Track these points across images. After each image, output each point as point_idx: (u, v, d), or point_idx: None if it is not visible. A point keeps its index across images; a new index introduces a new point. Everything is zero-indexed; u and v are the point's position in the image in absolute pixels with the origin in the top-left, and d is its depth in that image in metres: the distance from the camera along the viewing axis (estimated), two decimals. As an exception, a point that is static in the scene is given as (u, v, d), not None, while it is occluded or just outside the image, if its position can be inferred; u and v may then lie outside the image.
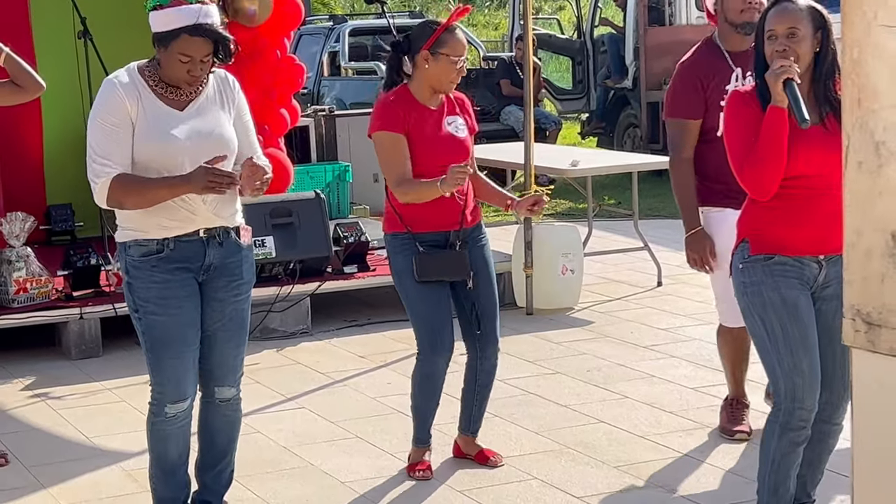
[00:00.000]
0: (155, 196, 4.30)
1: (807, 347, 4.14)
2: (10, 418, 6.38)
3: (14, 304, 7.32)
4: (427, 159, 5.15)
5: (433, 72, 5.14)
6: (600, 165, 9.77)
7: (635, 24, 15.15)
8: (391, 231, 5.29)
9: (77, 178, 9.19)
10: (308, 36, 16.82)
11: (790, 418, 4.15)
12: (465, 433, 5.54)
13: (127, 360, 7.07)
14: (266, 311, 7.70)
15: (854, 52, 2.20)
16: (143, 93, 4.36)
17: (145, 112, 4.34)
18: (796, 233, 4.15)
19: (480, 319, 5.34)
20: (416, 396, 5.39)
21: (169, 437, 4.58)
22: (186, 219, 4.40)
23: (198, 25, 4.25)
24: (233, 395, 4.66)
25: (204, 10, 4.27)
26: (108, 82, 4.39)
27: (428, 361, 5.28)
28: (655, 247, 9.44)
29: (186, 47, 4.27)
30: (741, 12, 5.41)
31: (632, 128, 15.59)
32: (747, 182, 4.14)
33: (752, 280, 4.19)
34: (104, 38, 8.09)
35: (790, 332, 4.12)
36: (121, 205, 4.34)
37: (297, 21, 9.71)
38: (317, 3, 28.32)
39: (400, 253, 5.25)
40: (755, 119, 4.12)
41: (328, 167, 10.17)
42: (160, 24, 4.30)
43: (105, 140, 4.31)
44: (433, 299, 5.23)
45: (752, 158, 4.09)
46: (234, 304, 4.55)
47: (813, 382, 4.14)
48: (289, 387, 6.74)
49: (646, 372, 6.81)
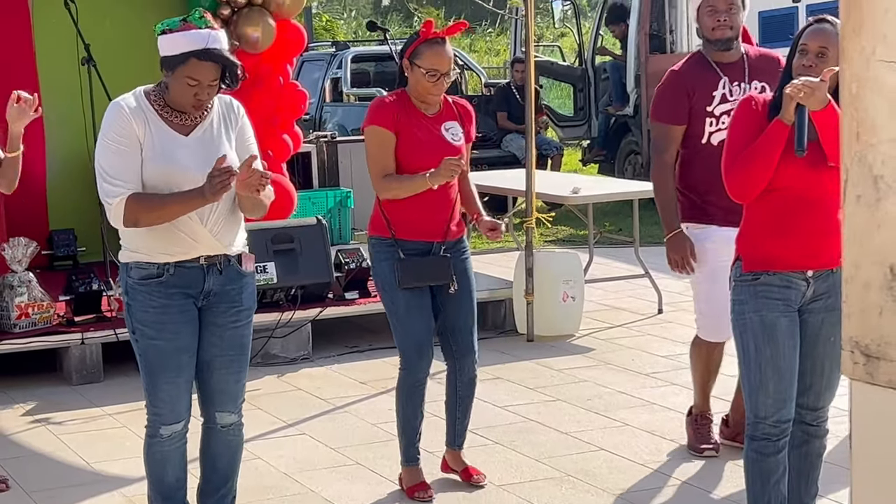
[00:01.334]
0: (171, 211, 4.32)
1: (776, 369, 4.32)
2: (12, 443, 6.38)
3: (16, 329, 7.32)
4: (416, 161, 5.18)
5: (412, 81, 5.20)
6: (601, 193, 9.80)
7: (636, 52, 15.19)
8: (375, 234, 5.34)
9: (79, 204, 9.27)
10: (310, 62, 16.87)
11: (754, 431, 4.40)
12: (452, 447, 5.57)
13: (128, 385, 7.07)
14: (267, 336, 7.71)
15: (853, 86, 2.21)
16: (149, 116, 4.38)
17: (152, 136, 4.36)
18: (785, 245, 4.28)
19: (458, 332, 5.38)
20: (405, 410, 5.40)
21: (166, 459, 4.59)
22: (189, 245, 4.42)
23: (206, 50, 4.28)
24: (234, 420, 4.67)
25: (213, 35, 4.31)
26: (114, 104, 4.42)
27: (414, 370, 5.31)
28: (656, 274, 9.44)
29: (194, 71, 4.30)
30: (713, 30, 5.61)
31: (633, 155, 15.61)
32: (731, 180, 4.30)
33: (738, 299, 4.39)
34: (108, 64, 8.12)
35: (763, 353, 4.33)
36: (137, 223, 4.33)
37: (300, 47, 9.76)
38: (319, 30, 28.41)
39: (384, 260, 5.29)
40: (759, 126, 4.26)
41: (330, 193, 10.19)
42: (169, 47, 4.34)
43: (116, 160, 4.33)
44: (418, 308, 5.27)
45: (741, 159, 4.24)
46: (233, 329, 4.56)
47: (778, 402, 4.34)
48: (290, 413, 6.74)
49: (647, 399, 6.81)
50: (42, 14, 9.29)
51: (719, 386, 6.04)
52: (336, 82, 16.41)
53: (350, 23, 37.32)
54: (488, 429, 6.26)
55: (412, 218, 5.24)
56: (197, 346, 4.53)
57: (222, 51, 4.32)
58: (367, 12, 44.26)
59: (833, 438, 4.71)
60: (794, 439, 4.46)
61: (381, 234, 5.29)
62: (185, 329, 4.47)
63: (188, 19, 4.34)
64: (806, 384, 4.44)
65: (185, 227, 4.39)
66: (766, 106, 4.32)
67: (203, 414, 4.67)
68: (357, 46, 17.90)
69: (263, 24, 9.16)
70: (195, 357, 4.53)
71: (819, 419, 4.53)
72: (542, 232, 12.45)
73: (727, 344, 5.79)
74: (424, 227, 5.27)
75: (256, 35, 9.13)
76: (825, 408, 4.53)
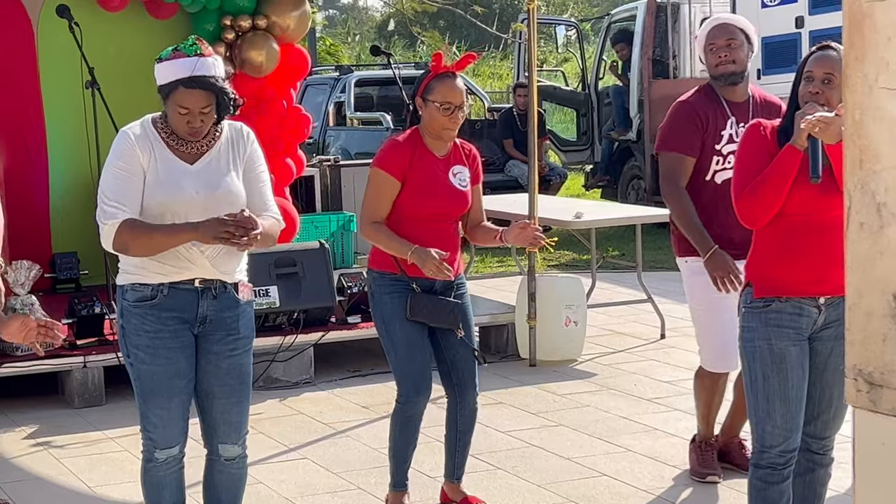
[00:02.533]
0: (161, 242, 4.30)
1: (784, 399, 4.30)
2: (13, 467, 6.37)
3: (18, 352, 7.31)
4: (420, 205, 5.18)
5: (425, 117, 5.20)
6: (604, 217, 9.80)
7: (640, 77, 15.22)
8: (380, 269, 5.30)
9: (82, 227, 9.27)
10: (314, 86, 16.90)
11: (759, 459, 4.39)
12: (450, 480, 5.54)
13: (130, 409, 6.99)
14: (269, 360, 7.71)
15: (856, 114, 2.22)
16: (155, 144, 4.38)
17: (157, 163, 4.36)
18: (795, 270, 4.27)
19: (459, 366, 5.36)
20: (397, 440, 5.39)
21: (162, 484, 4.56)
22: (183, 265, 4.40)
23: (192, 78, 4.26)
24: (237, 453, 4.63)
25: (200, 63, 4.28)
26: (121, 133, 4.42)
27: (411, 403, 5.30)
28: (659, 299, 9.45)
29: (183, 99, 4.29)
30: (716, 66, 5.62)
31: (636, 179, 15.64)
32: (742, 206, 4.28)
33: (748, 326, 4.37)
34: (112, 87, 8.14)
35: (771, 383, 4.31)
36: (126, 248, 4.31)
37: (304, 72, 9.78)
38: (323, 54, 28.46)
39: (388, 294, 5.26)
40: (768, 152, 4.26)
41: (333, 217, 10.19)
42: (161, 76, 4.34)
43: (116, 185, 4.32)
44: (417, 342, 5.26)
45: (753, 185, 4.23)
46: (230, 358, 4.52)
47: (785, 432, 4.32)
48: (291, 437, 6.73)
49: (649, 425, 6.80)
50: (47, 37, 9.32)
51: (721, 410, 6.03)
52: (339, 106, 16.44)
53: (354, 47, 37.42)
54: (490, 454, 6.24)
55: None
56: (194, 372, 4.50)
57: (209, 77, 4.29)
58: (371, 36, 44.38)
59: (837, 466, 4.68)
60: (799, 467, 4.43)
61: (387, 269, 5.26)
62: (178, 355, 4.45)
63: (179, 47, 4.32)
64: (813, 413, 4.41)
65: (183, 249, 4.37)
66: (774, 132, 4.31)
67: (206, 445, 4.65)
68: (361, 70, 17.92)
69: (267, 48, 9.19)
70: (191, 383, 4.50)
71: (825, 448, 4.50)
72: (545, 256, 12.45)
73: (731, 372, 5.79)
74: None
75: (261, 59, 9.16)
76: (831, 437, 4.50)
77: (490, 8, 39.64)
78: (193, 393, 4.53)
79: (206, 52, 4.34)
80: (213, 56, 4.36)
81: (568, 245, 13.27)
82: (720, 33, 5.59)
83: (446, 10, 10.66)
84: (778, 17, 13.73)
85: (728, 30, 5.60)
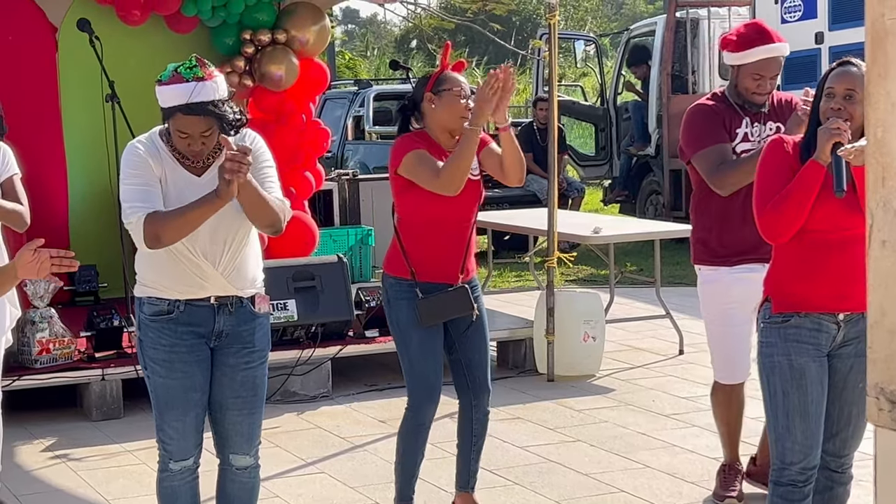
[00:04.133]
0: (190, 218, 4.24)
1: (804, 415, 4.27)
2: (32, 479, 6.38)
3: (37, 365, 7.34)
4: (434, 198, 5.14)
5: (440, 110, 5.18)
6: (622, 233, 9.78)
7: (659, 92, 15.21)
8: (395, 274, 5.29)
9: (101, 239, 9.30)
10: (333, 100, 16.93)
11: (779, 476, 4.35)
12: (464, 490, 5.51)
13: (147, 422, 7.00)
14: (287, 374, 7.71)
15: (878, 131, 2.20)
16: (164, 156, 4.37)
17: (166, 175, 4.36)
18: (814, 286, 4.24)
19: (473, 368, 5.35)
20: (406, 450, 5.36)
21: (176, 494, 4.58)
22: (198, 285, 4.41)
23: (189, 105, 4.21)
24: (249, 463, 4.63)
25: (197, 88, 4.21)
26: (129, 146, 4.40)
27: (421, 411, 5.28)
28: (677, 314, 9.42)
29: (181, 125, 4.26)
30: (753, 93, 5.47)
31: (654, 195, 15.62)
32: (764, 222, 4.24)
33: (767, 341, 4.33)
34: (131, 101, 8.15)
35: (791, 399, 4.27)
36: (158, 237, 4.24)
37: (323, 86, 9.81)
38: (342, 68, 28.53)
39: (403, 300, 5.26)
40: (790, 167, 4.24)
41: (351, 231, 10.21)
42: (161, 99, 4.29)
43: (135, 189, 4.30)
44: (431, 349, 5.25)
45: (776, 200, 4.19)
46: (245, 371, 4.52)
47: (805, 448, 4.29)
48: (309, 451, 6.72)
49: (667, 441, 6.77)
50: (67, 50, 9.36)
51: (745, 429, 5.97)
52: (358, 120, 16.46)
53: (373, 61, 37.51)
54: (508, 469, 6.23)
55: (430, 260, 5.22)
56: (208, 385, 4.51)
57: (207, 104, 4.21)
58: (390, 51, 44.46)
59: (856, 484, 4.66)
60: (818, 485, 4.40)
61: (401, 274, 5.27)
62: (194, 369, 4.45)
63: (179, 69, 4.24)
64: (832, 430, 4.38)
65: (195, 267, 4.37)
66: (797, 147, 4.29)
67: (218, 455, 4.66)
68: (379, 85, 17.96)
69: (287, 63, 9.21)
70: (206, 395, 4.51)
71: (844, 466, 4.47)
72: (563, 271, 12.43)
73: (748, 385, 5.76)
74: (441, 269, 5.25)
75: (280, 73, 9.18)
76: (850, 455, 4.47)
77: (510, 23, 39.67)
78: (207, 404, 4.54)
79: (205, 74, 4.25)
80: (213, 78, 4.26)
81: (586, 260, 13.25)
82: (770, 68, 5.42)
83: (465, 26, 10.66)
84: (798, 32, 13.70)
85: (778, 64, 5.48)
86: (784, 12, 14.10)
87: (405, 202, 5.24)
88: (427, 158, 5.12)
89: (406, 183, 5.18)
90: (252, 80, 9.27)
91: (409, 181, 5.15)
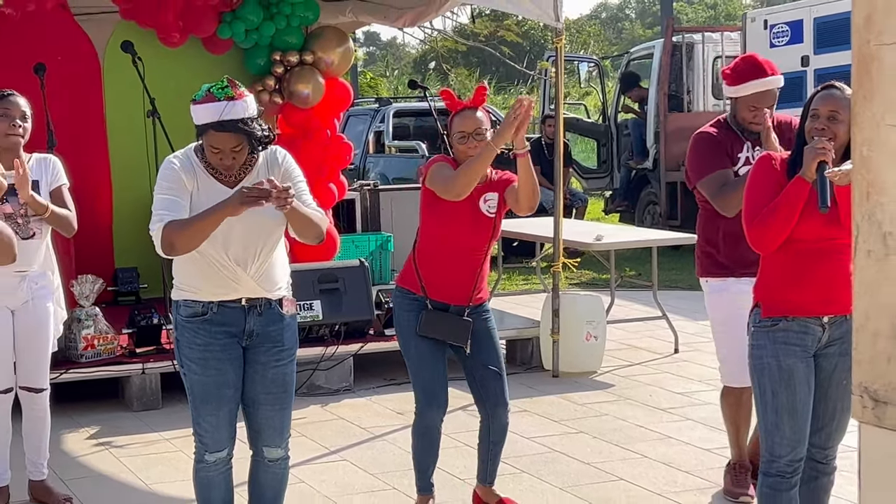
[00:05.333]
0: (200, 228, 4.21)
1: (792, 412, 4.25)
2: (77, 465, 6.38)
3: (82, 359, 7.34)
4: (447, 226, 5.13)
5: (454, 149, 5.17)
6: (623, 240, 9.76)
7: (656, 111, 15.20)
8: (405, 286, 5.26)
9: (142, 244, 9.24)
10: (355, 116, 16.93)
11: (769, 468, 4.33)
12: (483, 483, 5.50)
13: (184, 412, 7.00)
14: (313, 369, 7.71)
15: (864, 149, 2.19)
16: (198, 170, 4.36)
17: (199, 188, 4.35)
18: (802, 292, 4.23)
19: (487, 386, 5.28)
20: (416, 449, 5.34)
21: (212, 483, 4.57)
22: (231, 287, 4.40)
23: (220, 122, 4.20)
24: (280, 455, 4.62)
25: (228, 107, 4.20)
26: (166, 161, 4.40)
27: (424, 416, 5.24)
28: (673, 316, 9.40)
29: (214, 141, 4.25)
30: (749, 123, 5.42)
31: (652, 205, 15.60)
32: (753, 234, 4.23)
33: (758, 344, 4.31)
34: (171, 117, 8.16)
35: (780, 397, 4.25)
36: (173, 246, 4.23)
37: (346, 103, 9.81)
38: (364, 87, 28.54)
39: (406, 311, 5.23)
40: (777, 182, 4.22)
41: (372, 237, 10.19)
42: (195, 117, 4.29)
43: (164, 200, 4.30)
44: (430, 359, 5.19)
45: (764, 214, 4.18)
46: (276, 368, 4.51)
47: (793, 443, 4.27)
48: (332, 441, 6.71)
49: (663, 433, 6.75)
50: (112, 70, 9.38)
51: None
52: (379, 135, 16.45)
53: (392, 80, 37.49)
54: (516, 458, 6.21)
55: (440, 282, 5.19)
56: (241, 382, 4.50)
57: (238, 121, 4.21)
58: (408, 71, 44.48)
59: (839, 474, 4.63)
60: (804, 475, 4.38)
61: (411, 288, 5.23)
62: (227, 366, 4.44)
63: (212, 89, 4.24)
64: (818, 424, 4.36)
65: (228, 271, 4.37)
66: (784, 164, 4.28)
67: (251, 447, 4.64)
68: (398, 102, 17.94)
69: (314, 82, 9.22)
70: (239, 391, 4.49)
71: (828, 457, 4.45)
72: (568, 276, 12.40)
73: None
74: (451, 292, 5.20)
75: (307, 91, 9.19)
76: (835, 447, 4.45)
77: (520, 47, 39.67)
78: (240, 400, 4.53)
79: (236, 94, 4.24)
80: (244, 98, 4.26)
81: (589, 265, 13.24)
82: (765, 100, 5.37)
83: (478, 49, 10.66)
84: (785, 56, 13.69)
85: (773, 95, 5.40)
86: (773, 37, 14.08)
87: (426, 217, 5.21)
88: (447, 168, 5.11)
89: (431, 198, 5.13)
90: (281, 98, 9.28)
91: (434, 196, 5.11)
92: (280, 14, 9.16)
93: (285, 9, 9.15)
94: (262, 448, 4.60)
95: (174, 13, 8.85)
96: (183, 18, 8.92)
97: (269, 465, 4.63)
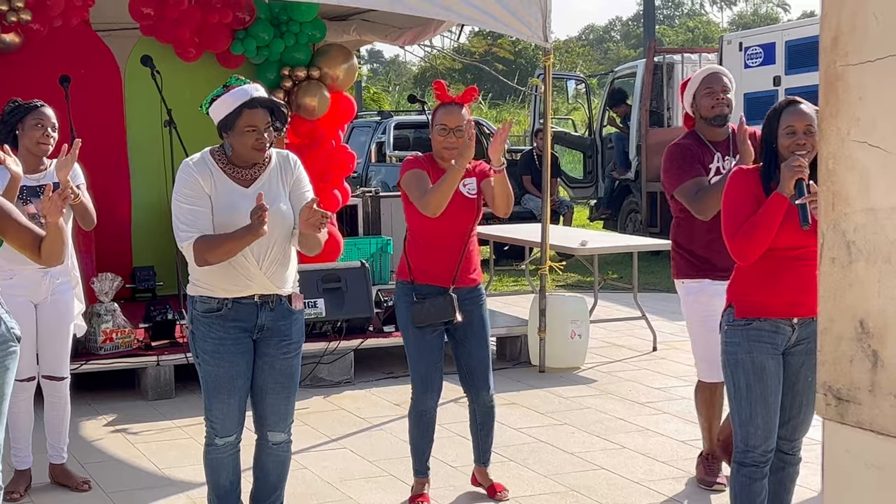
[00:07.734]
0: (230, 247, 4.26)
1: (764, 405, 4.24)
2: (95, 449, 6.36)
3: (101, 352, 7.32)
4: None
5: (433, 143, 5.16)
6: (606, 245, 9.74)
7: (638, 125, 15.20)
8: (400, 278, 5.29)
9: (159, 244, 9.28)
10: (359, 128, 16.91)
11: (743, 458, 4.30)
12: (478, 464, 5.51)
13: (196, 402, 7.00)
14: (315, 362, 7.69)
15: (829, 163, 2.18)
16: (214, 172, 4.36)
17: (216, 189, 4.34)
18: (774, 297, 4.22)
19: (472, 372, 5.30)
20: (412, 433, 5.35)
21: (221, 465, 4.56)
22: (244, 284, 4.40)
23: (253, 99, 4.31)
24: (283, 439, 4.61)
25: (254, 87, 4.37)
26: (183, 164, 4.40)
27: (419, 400, 5.25)
28: (652, 316, 9.38)
29: (250, 119, 4.29)
30: (712, 108, 5.44)
31: (633, 213, 15.59)
32: (735, 248, 4.20)
33: (731, 341, 4.29)
34: (187, 126, 8.15)
35: (753, 390, 4.24)
36: (207, 261, 4.29)
37: (350, 115, 9.79)
38: (367, 100, 28.52)
39: (402, 300, 5.24)
40: (753, 195, 4.20)
41: (373, 240, 10.18)
42: (222, 111, 4.32)
43: (185, 210, 4.30)
44: (426, 348, 5.19)
45: (745, 229, 4.16)
46: (283, 360, 4.51)
47: (766, 433, 4.26)
48: (333, 429, 6.69)
49: (641, 425, 6.73)
50: (132, 82, 9.36)
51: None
52: (381, 146, 16.43)
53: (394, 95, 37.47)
54: (504, 448, 6.19)
55: (427, 265, 5.19)
56: (251, 372, 4.50)
57: (266, 97, 4.36)
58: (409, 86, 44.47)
59: (804, 465, 4.62)
60: (772, 465, 4.36)
61: (404, 278, 5.25)
62: (239, 359, 4.44)
63: (229, 83, 4.36)
64: (785, 417, 4.35)
65: (243, 268, 4.36)
66: (757, 176, 4.24)
67: (257, 431, 4.63)
68: (399, 115, 17.92)
69: (320, 95, 9.21)
70: (249, 381, 4.49)
71: (794, 449, 4.44)
72: (554, 278, 12.39)
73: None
74: (436, 274, 5.19)
75: (314, 104, 9.17)
76: (800, 439, 4.44)
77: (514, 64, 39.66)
78: (249, 388, 4.51)
79: (250, 82, 4.41)
80: (257, 83, 4.45)
81: (574, 268, 13.22)
82: (716, 80, 5.43)
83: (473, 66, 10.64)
84: (758, 76, 13.70)
85: (723, 78, 5.51)
86: (747, 58, 14.08)
87: (410, 211, 5.20)
88: (420, 179, 5.07)
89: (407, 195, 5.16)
90: (289, 110, 9.26)
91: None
92: (289, 32, 9.15)
93: (294, 27, 9.15)
94: (267, 433, 4.59)
95: (191, 30, 8.83)
96: (199, 35, 8.91)
97: (273, 448, 4.62)
